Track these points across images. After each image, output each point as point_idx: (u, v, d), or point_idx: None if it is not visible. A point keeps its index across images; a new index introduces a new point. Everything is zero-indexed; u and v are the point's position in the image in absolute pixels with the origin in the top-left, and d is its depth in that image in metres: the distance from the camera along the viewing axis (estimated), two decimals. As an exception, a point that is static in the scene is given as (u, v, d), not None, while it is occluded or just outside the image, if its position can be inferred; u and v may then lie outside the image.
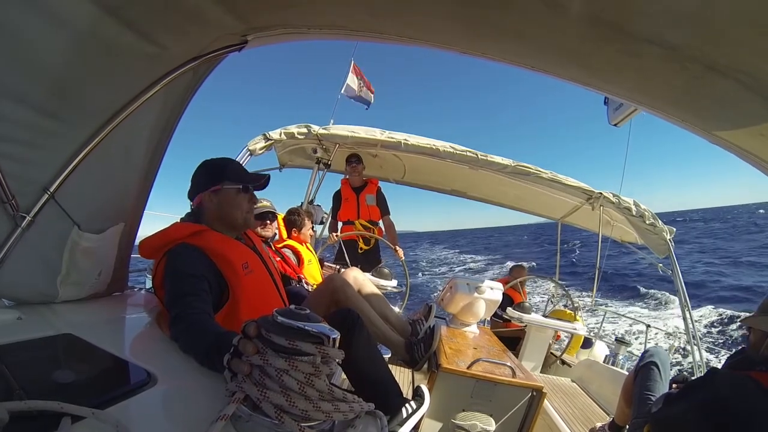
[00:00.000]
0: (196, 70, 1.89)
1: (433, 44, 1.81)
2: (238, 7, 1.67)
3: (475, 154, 4.64)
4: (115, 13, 1.38)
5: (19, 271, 1.48)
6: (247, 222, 1.97)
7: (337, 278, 2.35)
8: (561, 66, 1.73)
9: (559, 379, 4.41)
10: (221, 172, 1.94)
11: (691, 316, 4.78)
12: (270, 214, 3.32)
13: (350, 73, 5.70)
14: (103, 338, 1.36)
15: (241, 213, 1.93)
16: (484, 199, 6.66)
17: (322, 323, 0.96)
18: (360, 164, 5.11)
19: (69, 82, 1.40)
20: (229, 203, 1.91)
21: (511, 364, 2.59)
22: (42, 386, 0.98)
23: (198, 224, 1.84)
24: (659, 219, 4.95)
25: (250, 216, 1.98)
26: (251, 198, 1.97)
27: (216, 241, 1.80)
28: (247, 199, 1.96)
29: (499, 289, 3.54)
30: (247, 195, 1.95)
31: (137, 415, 0.96)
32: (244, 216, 1.94)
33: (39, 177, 1.47)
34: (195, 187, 1.95)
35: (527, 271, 6.39)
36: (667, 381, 2.40)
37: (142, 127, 1.82)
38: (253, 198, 1.99)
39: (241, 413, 0.90)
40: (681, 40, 1.24)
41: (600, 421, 3.11)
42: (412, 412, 1.79)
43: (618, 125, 2.79)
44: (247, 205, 1.95)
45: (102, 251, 1.83)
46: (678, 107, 1.68)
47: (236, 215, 1.92)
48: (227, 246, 1.83)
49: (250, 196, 1.97)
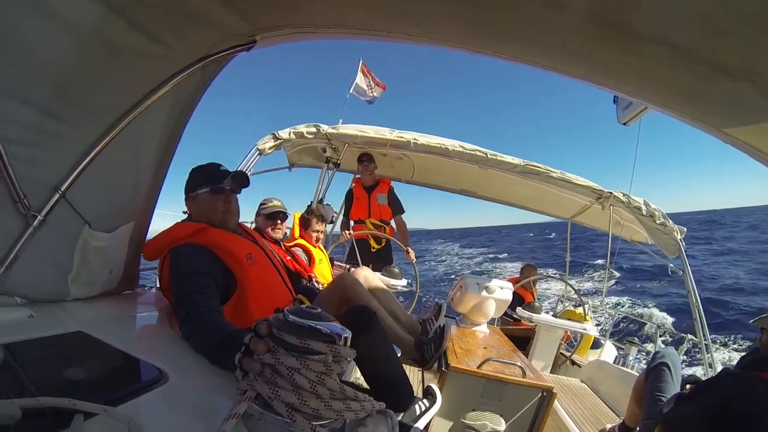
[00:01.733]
0: (205, 70, 1.89)
1: (442, 43, 1.80)
2: (244, 7, 1.67)
3: (484, 153, 4.62)
4: (121, 13, 1.39)
5: (31, 270, 1.49)
6: (224, 223, 1.97)
7: (348, 277, 2.35)
8: (569, 65, 1.71)
9: (569, 379, 4.39)
10: (194, 178, 2.00)
11: (702, 317, 4.74)
12: (281, 213, 3.25)
13: (359, 72, 5.69)
14: (114, 336, 1.36)
15: (217, 214, 1.96)
16: (493, 198, 6.62)
17: (334, 322, 0.96)
18: (372, 163, 5.09)
19: (76, 83, 1.40)
20: (204, 207, 1.97)
21: (521, 363, 2.58)
22: (54, 383, 0.98)
23: (198, 223, 1.88)
24: (670, 219, 4.90)
25: (228, 216, 1.99)
26: (226, 199, 1.98)
27: (218, 236, 1.84)
28: (222, 200, 1.97)
29: (509, 289, 3.52)
30: (221, 196, 1.97)
31: (149, 413, 0.96)
32: (220, 218, 1.96)
33: (50, 177, 1.49)
34: (185, 195, 2.03)
35: (537, 271, 6.35)
36: (679, 382, 2.38)
37: (152, 126, 1.82)
38: (229, 198, 2.00)
39: (253, 412, 0.89)
40: (686, 40, 1.23)
41: (610, 422, 3.09)
42: (425, 410, 1.79)
43: (628, 124, 2.76)
44: (222, 205, 1.97)
45: (112, 250, 1.85)
46: (687, 105, 1.66)
47: (212, 217, 1.95)
48: (229, 240, 1.87)
49: (225, 197, 1.98)
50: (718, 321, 13.81)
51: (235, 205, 2.03)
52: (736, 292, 17.61)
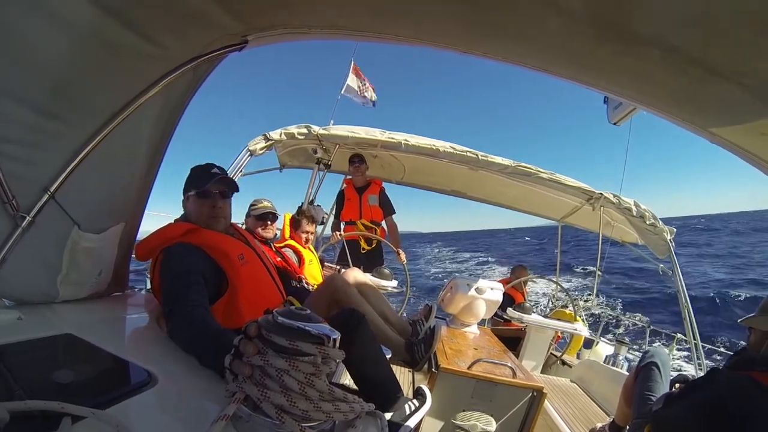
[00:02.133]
0: (196, 70, 1.89)
1: (434, 44, 1.80)
2: (237, 7, 1.67)
3: (475, 154, 4.62)
4: (116, 13, 1.38)
5: (19, 271, 1.48)
6: (209, 227, 1.96)
7: (338, 278, 2.35)
8: (561, 66, 1.73)
9: (560, 379, 4.41)
10: (189, 179, 2.01)
11: (691, 316, 4.77)
12: (270, 214, 3.26)
13: (350, 73, 5.68)
14: (104, 338, 1.36)
15: (203, 218, 1.96)
16: (484, 199, 6.64)
17: (323, 323, 0.96)
18: (363, 164, 5.07)
19: (70, 82, 1.40)
20: (194, 210, 1.97)
21: (511, 364, 2.59)
22: (42, 386, 0.98)
23: (190, 223, 1.89)
24: (660, 220, 4.94)
25: (212, 221, 1.98)
26: (212, 203, 1.97)
27: (210, 236, 1.86)
28: (208, 204, 1.96)
29: (499, 290, 3.54)
30: (207, 200, 1.96)
31: (138, 415, 0.96)
32: (205, 221, 1.96)
33: (39, 177, 1.47)
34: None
35: (528, 272, 6.38)
36: (668, 381, 2.40)
37: (143, 126, 1.82)
38: (215, 203, 1.98)
39: (242, 413, 0.90)
40: (682, 42, 1.24)
41: (600, 421, 3.11)
42: (415, 410, 1.80)
43: (618, 124, 2.78)
44: (207, 209, 1.96)
45: (102, 251, 1.84)
46: (677, 107, 1.67)
47: (199, 220, 1.95)
48: (221, 240, 1.89)
49: (211, 201, 1.97)
50: (707, 320, 13.95)
51: (223, 210, 2.01)
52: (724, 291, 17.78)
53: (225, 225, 2.05)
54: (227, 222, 2.06)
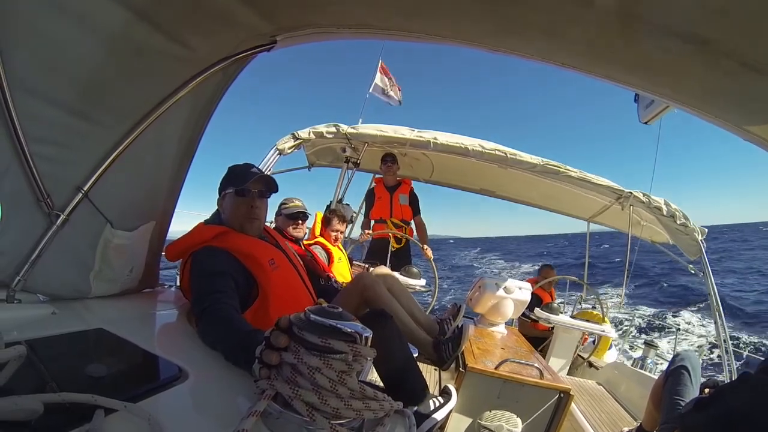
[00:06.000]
0: (226, 71, 1.91)
1: (462, 42, 1.78)
2: (266, 8, 1.68)
3: (503, 152, 4.55)
4: (146, 16, 1.41)
5: (53, 268, 1.52)
6: (243, 229, 1.92)
7: (367, 276, 2.34)
8: (591, 63, 1.69)
9: (587, 381, 4.34)
10: (227, 178, 1.98)
11: (722, 319, 4.64)
12: (301, 213, 3.24)
13: (378, 72, 5.69)
14: (135, 333, 1.38)
15: (238, 218, 1.92)
16: (512, 198, 6.59)
17: (355, 321, 0.95)
18: (395, 164, 5.08)
19: (101, 84, 1.43)
20: (230, 208, 1.94)
21: (538, 365, 2.55)
22: (75, 379, 0.99)
23: (221, 226, 1.87)
24: (690, 219, 4.81)
25: (247, 222, 1.93)
26: (250, 202, 1.93)
27: (239, 240, 1.83)
28: (245, 203, 1.92)
29: (527, 289, 3.48)
30: (245, 199, 1.92)
31: (169, 409, 0.97)
32: (240, 221, 1.92)
33: (73, 176, 1.51)
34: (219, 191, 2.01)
35: (555, 272, 6.29)
36: (698, 386, 2.33)
37: (173, 126, 1.84)
38: (253, 202, 1.94)
39: (272, 410, 0.89)
40: (713, 34, 1.21)
41: (627, 425, 3.06)
42: (440, 406, 1.79)
43: (649, 123, 2.72)
44: (244, 209, 1.92)
45: (133, 248, 1.87)
46: (711, 102, 1.63)
47: (234, 221, 1.92)
48: (251, 244, 1.85)
49: (249, 200, 1.93)
50: (738, 322, 13.57)
51: (260, 210, 1.98)
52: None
53: (259, 229, 2.01)
54: (261, 225, 2.02)
